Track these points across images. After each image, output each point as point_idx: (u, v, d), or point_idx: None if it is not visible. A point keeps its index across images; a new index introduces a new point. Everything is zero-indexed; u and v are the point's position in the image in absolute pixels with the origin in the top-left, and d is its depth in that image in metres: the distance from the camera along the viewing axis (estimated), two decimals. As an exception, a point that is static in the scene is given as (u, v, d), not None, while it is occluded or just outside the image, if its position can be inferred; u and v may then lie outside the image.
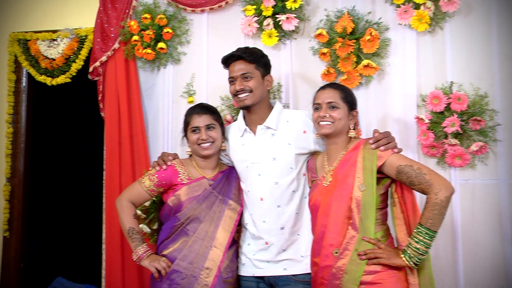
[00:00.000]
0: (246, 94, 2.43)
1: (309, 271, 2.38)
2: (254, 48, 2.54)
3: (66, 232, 5.17)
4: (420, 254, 2.08)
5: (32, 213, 3.56)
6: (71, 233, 5.16)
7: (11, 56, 3.34)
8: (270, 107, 2.52)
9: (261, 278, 2.45)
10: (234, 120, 2.85)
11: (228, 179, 2.55)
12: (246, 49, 2.52)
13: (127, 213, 2.47)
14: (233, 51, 2.51)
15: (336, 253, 2.20)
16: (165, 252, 2.42)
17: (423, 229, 2.07)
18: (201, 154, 2.49)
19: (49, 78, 3.25)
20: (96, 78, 3.17)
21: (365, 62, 2.72)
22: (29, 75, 3.36)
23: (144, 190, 2.49)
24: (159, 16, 3.02)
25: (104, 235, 3.14)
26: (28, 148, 3.41)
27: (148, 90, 3.15)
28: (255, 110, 2.48)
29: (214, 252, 2.40)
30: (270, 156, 2.43)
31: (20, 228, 3.36)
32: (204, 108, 2.55)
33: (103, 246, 3.14)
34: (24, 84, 3.39)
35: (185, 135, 2.55)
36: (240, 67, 2.46)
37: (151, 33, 3.01)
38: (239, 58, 2.47)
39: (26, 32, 3.32)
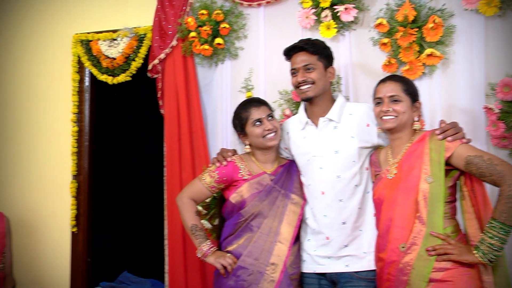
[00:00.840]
0: (308, 85, 2.39)
1: (372, 268, 2.32)
2: (317, 40, 2.50)
3: (130, 228, 5.31)
4: (495, 250, 1.97)
5: (97, 209, 3.65)
6: (135, 228, 5.29)
7: (74, 57, 3.43)
8: (333, 100, 2.48)
9: (323, 275, 2.41)
10: (294, 114, 2.81)
11: (289, 173, 2.51)
12: (309, 40, 2.48)
13: (189, 210, 2.49)
14: (295, 42, 2.48)
15: (403, 247, 2.13)
16: (229, 248, 2.42)
17: (497, 224, 1.97)
18: (267, 146, 2.46)
19: (110, 77, 3.31)
20: (155, 76, 3.21)
21: (428, 51, 2.61)
22: (91, 75, 3.43)
23: (205, 187, 2.50)
24: (215, 12, 3.02)
25: (166, 230, 3.18)
26: (92, 146, 3.49)
27: (206, 86, 3.16)
28: (317, 102, 2.44)
29: (279, 248, 2.38)
30: (332, 149, 2.38)
31: (86, 224, 3.45)
32: (259, 101, 2.55)
33: (166, 241, 3.17)
34: (87, 83, 3.47)
35: (242, 132, 2.53)
36: (302, 58, 2.42)
37: (208, 29, 3.01)
38: (301, 50, 2.43)
39: (88, 33, 3.40)
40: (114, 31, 3.34)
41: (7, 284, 2.64)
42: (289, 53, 2.49)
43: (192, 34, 3.04)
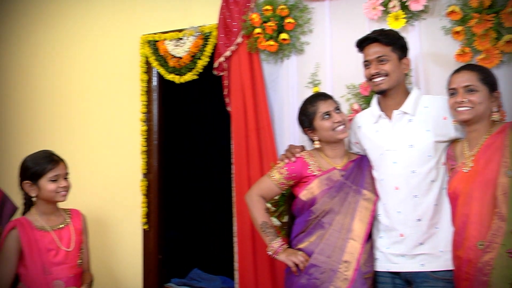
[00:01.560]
0: (382, 78, 2.33)
1: (449, 267, 2.23)
2: (390, 30, 2.43)
3: (199, 225, 5.37)
4: None
5: (167, 207, 3.71)
6: (204, 226, 5.34)
7: (142, 58, 3.50)
8: (407, 92, 2.40)
9: (397, 274, 2.34)
10: (362, 109, 2.75)
11: (360, 168, 2.46)
12: (382, 30, 2.41)
13: (259, 208, 2.48)
14: (368, 33, 2.43)
15: (481, 245, 2.03)
16: (300, 246, 2.39)
17: None
18: (337, 139, 2.43)
19: (177, 76, 3.35)
20: (221, 73, 3.22)
21: (507, 37, 2.46)
22: (158, 75, 3.49)
23: (274, 184, 2.49)
24: (280, 7, 2.99)
25: (235, 228, 3.18)
26: (160, 145, 3.55)
27: (273, 82, 3.13)
28: (391, 95, 2.37)
29: (352, 245, 2.33)
30: (407, 143, 2.30)
31: (157, 221, 3.51)
32: (324, 95, 2.52)
33: (235, 239, 3.18)
34: (154, 83, 3.53)
35: (310, 127, 2.49)
36: (375, 50, 2.35)
37: (273, 24, 2.98)
38: (375, 41, 2.37)
39: (155, 33, 3.45)
40: (180, 30, 3.37)
41: (85, 279, 2.71)
42: (362, 44, 2.43)
43: (257, 30, 3.02)
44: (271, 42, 3.00)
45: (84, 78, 3.81)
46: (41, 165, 2.57)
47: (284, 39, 2.99)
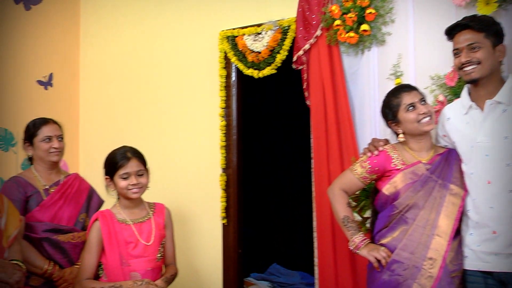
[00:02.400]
0: (473, 66, 2.21)
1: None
2: (484, 16, 2.31)
3: (279, 220, 5.37)
4: None
5: (246, 202, 3.73)
6: (283, 221, 5.34)
7: (221, 53, 3.53)
8: (501, 81, 2.26)
9: (489, 273, 2.21)
10: (448, 100, 2.63)
11: (447, 162, 2.35)
12: (474, 16, 2.29)
13: (341, 202, 2.44)
14: (459, 20, 2.31)
15: None
16: (383, 241, 2.33)
17: None
18: (423, 131, 2.34)
19: (256, 71, 3.36)
20: (300, 67, 3.19)
21: None
22: (237, 70, 3.51)
23: (356, 178, 2.43)
24: (360, -2, 2.92)
25: (315, 223, 3.15)
26: (239, 140, 3.57)
27: (353, 75, 3.06)
28: (483, 84, 2.25)
29: (437, 241, 2.23)
30: (501, 134, 2.18)
31: (236, 216, 3.53)
32: (409, 86, 2.44)
33: (314, 234, 3.15)
34: (233, 78, 3.56)
35: (394, 120, 2.41)
36: (466, 37, 2.24)
37: (353, 15, 2.91)
38: (466, 27, 2.25)
39: (234, 29, 3.47)
40: (259, 25, 3.37)
41: (166, 272, 2.76)
42: (451, 32, 2.32)
43: (337, 22, 2.96)
44: (351, 34, 2.93)
45: (163, 75, 3.90)
46: (114, 163, 2.65)
47: (364, 31, 2.91)
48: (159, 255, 2.70)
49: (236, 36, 3.44)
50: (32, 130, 2.94)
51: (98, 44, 4.23)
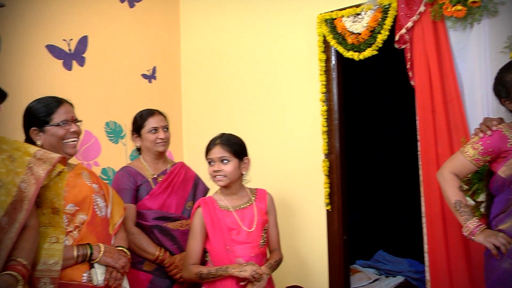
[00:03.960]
0: None
1: None
2: None
3: (384, 206, 5.23)
4: None
5: (350, 187, 3.66)
6: (389, 206, 5.20)
7: (320, 37, 3.47)
8: None
9: None
10: None
11: None
12: None
13: (452, 186, 2.32)
14: None
15: None
16: (501, 227, 2.19)
17: None
18: None
19: (356, 53, 3.26)
20: (403, 46, 3.05)
21: None
22: (337, 53, 3.43)
23: (468, 160, 2.30)
24: (468, -33, 2.73)
25: (423, 208, 3.02)
26: (341, 124, 3.49)
27: (461, 51, 2.88)
28: None
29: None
30: None
31: (340, 202, 3.47)
32: None
33: (423, 219, 3.02)
34: (333, 62, 3.48)
35: (507, 98, 2.24)
36: None
37: (460, -13, 2.74)
38: None
39: (332, 11, 3.39)
40: (358, 5, 3.26)
41: (270, 259, 2.78)
42: None
43: (442, -4, 2.80)
44: (459, 7, 2.75)
45: (262, 62, 3.89)
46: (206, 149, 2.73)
47: (474, 2, 2.72)
48: (262, 241, 2.71)
49: (335, 19, 3.36)
50: (139, 122, 3.07)
51: (198, 36, 4.32)
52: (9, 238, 1.98)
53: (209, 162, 2.69)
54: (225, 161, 2.65)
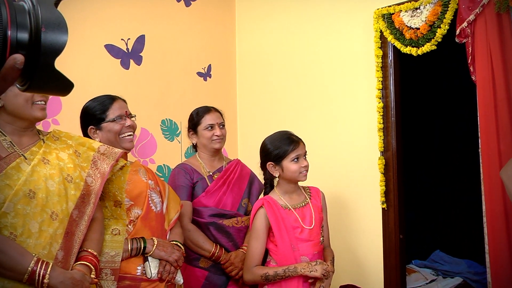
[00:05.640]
0: None
1: None
2: None
3: (442, 205, 5.11)
4: None
5: (407, 185, 3.58)
6: (447, 205, 5.07)
7: (376, 33, 3.41)
8: None
9: None
10: None
11: None
12: None
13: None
14: None
15: None
16: None
17: None
18: None
19: (415, 49, 3.18)
20: (464, 40, 2.96)
21: None
22: (394, 49, 3.36)
23: (535, 157, 2.20)
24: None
25: (484, 207, 2.93)
26: (398, 121, 3.42)
27: (527, 44, 2.78)
28: None
29: None
30: None
31: (396, 200, 3.41)
32: None
33: (484, 219, 2.93)
34: (390, 58, 3.41)
35: None
36: None
37: (528, -25, 2.63)
38: None
39: (389, 6, 3.33)
40: (416, 0, 3.19)
41: (328, 255, 2.77)
42: None
43: (508, -14, 2.70)
44: (526, -3, 2.65)
45: (318, 59, 3.87)
46: (283, 147, 2.69)
47: (542, -8, 2.62)
48: (321, 238, 2.71)
49: (392, 14, 3.30)
50: (195, 119, 3.10)
51: (253, 34, 4.34)
52: (80, 230, 2.06)
53: (297, 158, 2.69)
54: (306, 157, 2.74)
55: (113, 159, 2.25)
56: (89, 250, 2.08)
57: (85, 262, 2.03)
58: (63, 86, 0.87)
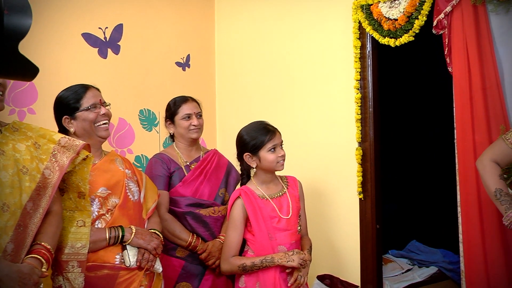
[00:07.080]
0: None
1: None
2: None
3: (418, 195, 5.17)
4: None
5: (383, 176, 3.61)
6: (423, 196, 5.13)
7: (355, 24, 3.41)
8: None
9: None
10: None
11: None
12: None
13: (492, 173, 2.27)
14: None
15: None
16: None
17: None
18: None
19: (392, 40, 3.19)
20: (441, 32, 2.99)
21: None
22: (372, 40, 3.37)
23: (510, 147, 2.24)
24: None
25: (458, 197, 2.97)
26: (376, 112, 3.44)
27: (502, 35, 2.79)
28: None
29: None
30: None
31: (373, 191, 3.43)
32: None
33: (458, 209, 2.97)
34: (368, 49, 3.42)
35: None
36: None
37: (504, -33, 2.65)
38: None
39: (368, -3, 3.34)
40: (395, -10, 3.21)
41: (305, 244, 2.80)
42: None
43: (484, -23, 2.72)
44: (502, -11, 2.68)
45: (296, 49, 3.86)
46: (260, 137, 2.69)
47: (517, -16, 2.65)
48: (299, 227, 2.73)
49: (371, 5, 3.30)
50: (173, 109, 3.08)
51: (232, 24, 4.31)
52: (33, 223, 2.02)
53: (273, 148, 2.68)
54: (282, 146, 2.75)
55: (73, 152, 2.19)
56: (42, 243, 2.03)
57: (36, 256, 1.98)
58: (28, 70, 0.85)
